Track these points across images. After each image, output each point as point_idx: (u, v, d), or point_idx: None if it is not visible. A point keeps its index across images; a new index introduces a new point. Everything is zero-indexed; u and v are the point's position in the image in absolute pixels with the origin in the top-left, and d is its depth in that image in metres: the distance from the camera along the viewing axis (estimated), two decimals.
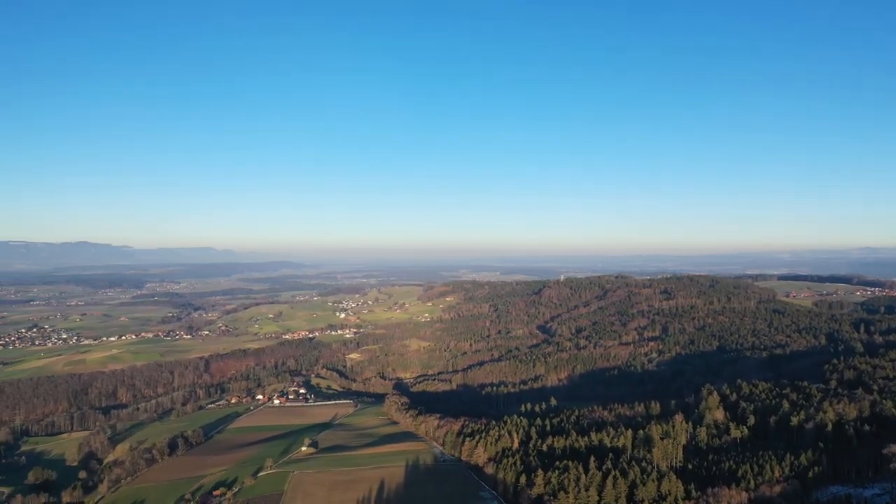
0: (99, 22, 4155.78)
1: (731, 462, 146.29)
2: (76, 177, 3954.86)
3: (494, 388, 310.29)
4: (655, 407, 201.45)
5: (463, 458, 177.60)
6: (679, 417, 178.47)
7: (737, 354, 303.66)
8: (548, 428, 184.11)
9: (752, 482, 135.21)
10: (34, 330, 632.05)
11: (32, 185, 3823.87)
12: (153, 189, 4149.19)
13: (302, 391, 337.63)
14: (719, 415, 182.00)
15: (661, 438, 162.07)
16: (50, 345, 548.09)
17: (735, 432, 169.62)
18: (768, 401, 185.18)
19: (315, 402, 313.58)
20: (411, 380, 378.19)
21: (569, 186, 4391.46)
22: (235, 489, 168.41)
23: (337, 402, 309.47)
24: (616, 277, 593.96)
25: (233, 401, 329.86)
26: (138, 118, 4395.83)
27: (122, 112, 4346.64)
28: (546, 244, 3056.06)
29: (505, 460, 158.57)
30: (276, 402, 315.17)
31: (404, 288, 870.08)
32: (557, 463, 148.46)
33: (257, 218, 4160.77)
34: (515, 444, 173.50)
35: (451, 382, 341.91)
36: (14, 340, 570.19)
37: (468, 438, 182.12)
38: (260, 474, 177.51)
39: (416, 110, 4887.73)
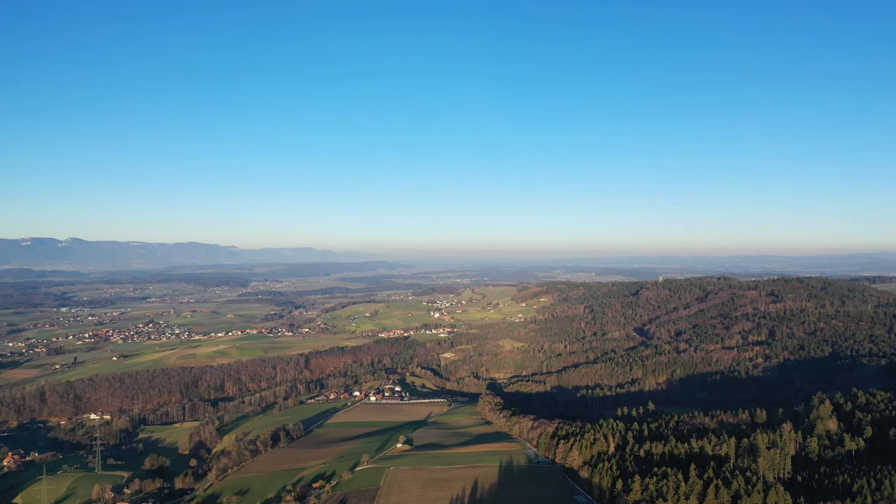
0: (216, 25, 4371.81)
1: (846, 476, 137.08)
2: (188, 182, 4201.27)
3: (589, 390, 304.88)
4: (761, 415, 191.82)
5: (557, 460, 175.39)
6: (787, 426, 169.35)
7: (852, 362, 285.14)
8: (645, 433, 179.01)
9: (868, 498, 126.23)
10: (150, 325, 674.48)
11: (150, 189, 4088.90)
12: (258, 192, 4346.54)
13: (397, 389, 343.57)
14: (832, 425, 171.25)
15: (768, 448, 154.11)
16: (164, 339, 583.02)
17: (850, 444, 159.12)
18: (888, 412, 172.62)
19: (410, 399, 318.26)
20: (505, 380, 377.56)
21: (669, 185, 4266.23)
22: (334, 482, 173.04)
23: (431, 400, 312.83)
24: (718, 279, 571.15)
25: (331, 396, 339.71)
26: (244, 124, 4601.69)
27: (228, 119, 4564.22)
28: (644, 244, 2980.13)
29: (601, 464, 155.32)
30: (373, 398, 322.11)
31: (498, 288, 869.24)
32: (655, 469, 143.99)
33: (355, 219, 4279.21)
34: (611, 449, 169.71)
35: (545, 384, 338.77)
36: (133, 335, 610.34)
37: (563, 441, 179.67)
38: (357, 469, 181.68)
39: (513, 110, 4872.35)
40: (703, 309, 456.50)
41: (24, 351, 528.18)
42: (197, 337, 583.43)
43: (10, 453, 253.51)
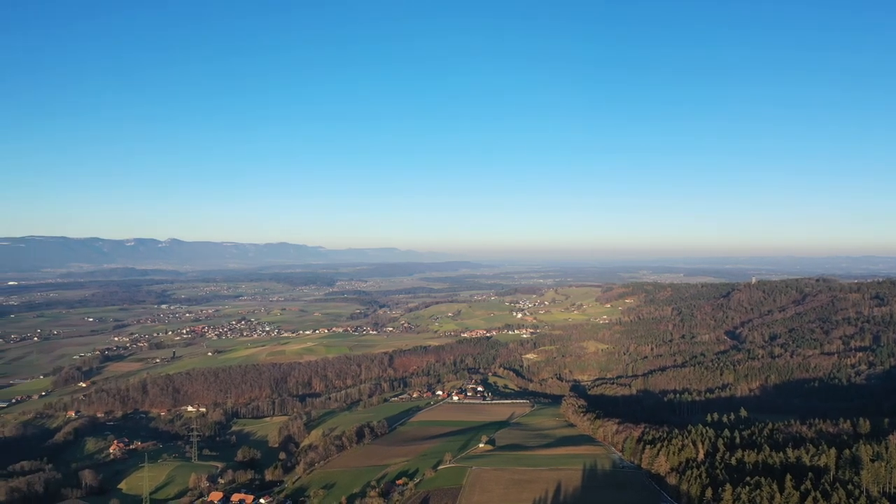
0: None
1: None
2: (278, 184, 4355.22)
3: (677, 395, 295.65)
4: (865, 425, 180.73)
5: (643, 465, 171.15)
6: (894, 438, 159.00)
7: None
8: (737, 440, 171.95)
9: None
10: (242, 322, 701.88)
11: (242, 192, 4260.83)
12: (345, 193, 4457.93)
13: (479, 389, 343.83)
14: None
15: (872, 460, 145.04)
16: (255, 336, 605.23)
17: None
18: None
19: (492, 400, 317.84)
20: (588, 382, 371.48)
21: (764, 183, 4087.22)
22: (417, 480, 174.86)
23: (513, 401, 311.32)
24: (817, 280, 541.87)
25: (414, 395, 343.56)
26: (329, 128, 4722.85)
27: (316, 124, 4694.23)
28: (735, 244, 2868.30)
29: (689, 471, 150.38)
30: (455, 398, 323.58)
31: (581, 289, 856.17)
32: (748, 479, 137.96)
33: (439, 219, 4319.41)
34: (700, 456, 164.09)
35: (630, 387, 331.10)
36: (226, 331, 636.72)
37: (649, 446, 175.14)
38: (440, 467, 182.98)
39: (597, 110, 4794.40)
40: (799, 312, 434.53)
41: (128, 345, 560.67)
42: (286, 334, 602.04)
43: (115, 441, 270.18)
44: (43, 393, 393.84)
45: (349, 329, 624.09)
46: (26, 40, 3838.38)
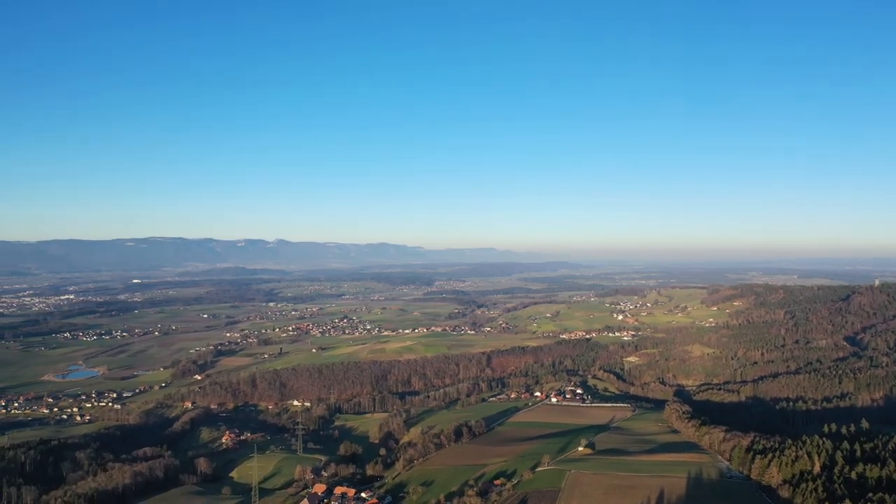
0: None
1: None
2: (378, 186, 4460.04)
3: (790, 403, 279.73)
4: None
5: (752, 476, 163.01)
6: None
7: None
8: (857, 454, 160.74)
9: None
10: (344, 321, 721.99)
11: (345, 194, 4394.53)
12: (443, 194, 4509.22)
13: (579, 391, 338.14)
14: None
15: None
16: (357, 334, 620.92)
17: None
18: None
19: (591, 402, 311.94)
20: (693, 387, 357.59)
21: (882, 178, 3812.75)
22: (514, 481, 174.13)
23: (614, 404, 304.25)
24: None
25: (512, 396, 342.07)
26: (438, 132, 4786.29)
27: (421, 127, 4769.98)
28: (855, 243, 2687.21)
29: (804, 485, 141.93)
30: (554, 400, 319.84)
31: (686, 290, 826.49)
32: (870, 495, 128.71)
33: (536, 220, 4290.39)
34: (817, 468, 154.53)
35: (738, 393, 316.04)
36: (329, 329, 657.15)
37: (759, 456, 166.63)
38: (538, 469, 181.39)
39: (697, 108, 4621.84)
40: None
41: (239, 341, 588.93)
42: (386, 333, 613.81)
43: (227, 432, 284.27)
44: (163, 384, 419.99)
45: (447, 328, 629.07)
46: (141, 44, 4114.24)
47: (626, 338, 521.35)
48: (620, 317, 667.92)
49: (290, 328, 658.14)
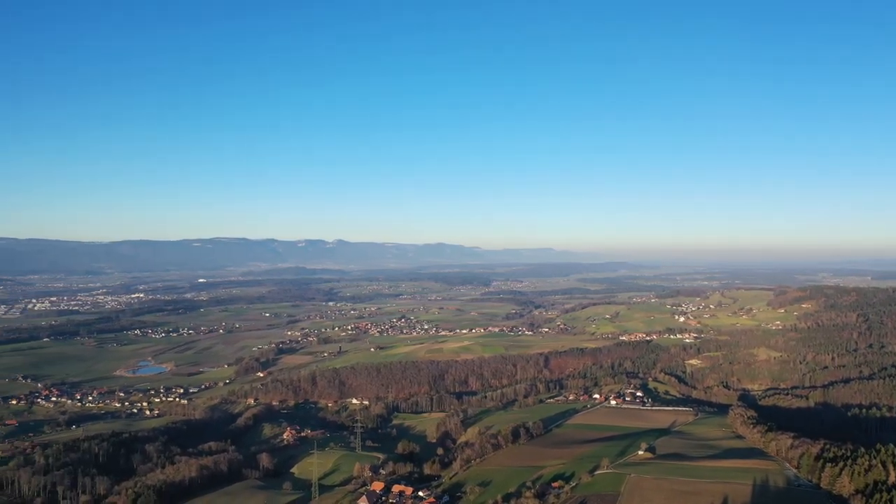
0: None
1: None
2: (436, 187, 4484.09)
3: (863, 410, 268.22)
4: None
5: (822, 485, 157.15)
6: None
7: None
8: None
9: None
10: (402, 320, 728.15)
11: (402, 195, 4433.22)
12: (501, 194, 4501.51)
13: (639, 394, 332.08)
14: None
15: None
16: (414, 334, 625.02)
17: None
18: None
19: (652, 406, 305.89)
20: (759, 392, 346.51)
21: None
22: (573, 483, 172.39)
23: (675, 408, 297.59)
24: None
25: (570, 397, 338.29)
26: (493, 132, 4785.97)
27: (478, 126, 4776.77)
28: None
29: (878, 495, 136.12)
30: (613, 402, 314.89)
31: (751, 292, 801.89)
32: None
33: (595, 220, 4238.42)
34: (892, 478, 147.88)
35: (807, 399, 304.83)
36: (387, 328, 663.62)
37: (829, 464, 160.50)
38: (597, 472, 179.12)
39: (766, 107, 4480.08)
40: None
41: (299, 339, 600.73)
42: (443, 333, 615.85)
43: (288, 428, 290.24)
44: (227, 381, 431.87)
45: (505, 329, 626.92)
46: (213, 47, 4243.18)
47: (687, 340, 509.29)
48: (682, 318, 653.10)
49: (349, 327, 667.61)
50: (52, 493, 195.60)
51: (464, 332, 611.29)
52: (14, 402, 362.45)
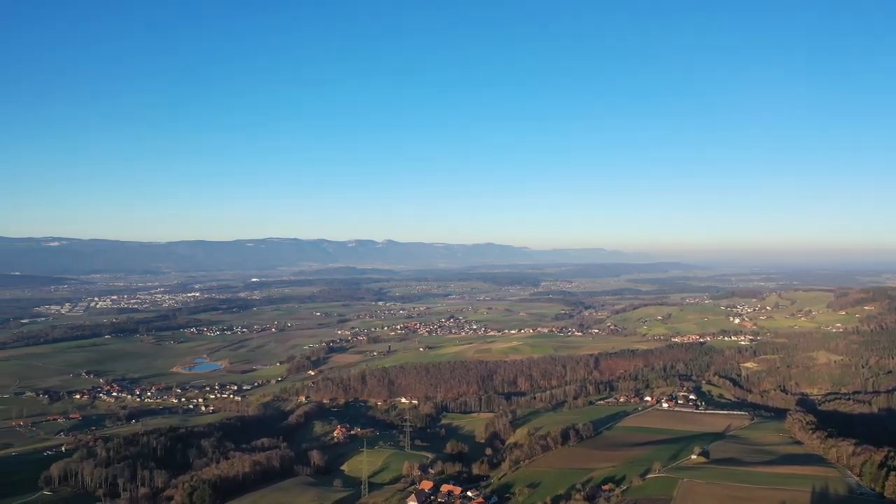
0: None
1: None
2: (485, 187, 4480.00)
3: None
4: None
5: (886, 494, 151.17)
6: None
7: None
8: None
9: None
10: (451, 320, 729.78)
11: (449, 195, 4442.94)
12: (549, 192, 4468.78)
13: (692, 397, 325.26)
14: None
15: None
16: (463, 334, 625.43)
17: None
18: None
19: (705, 409, 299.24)
20: (818, 397, 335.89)
21: None
22: (623, 487, 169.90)
23: (730, 412, 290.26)
24: None
25: (621, 399, 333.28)
26: (546, 131, 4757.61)
27: (532, 125, 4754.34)
28: None
29: None
30: (665, 405, 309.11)
31: (810, 293, 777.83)
32: None
33: (646, 219, 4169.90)
34: None
35: (870, 405, 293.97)
36: (436, 328, 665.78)
37: (894, 472, 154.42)
38: (648, 476, 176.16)
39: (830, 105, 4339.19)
40: None
41: (349, 338, 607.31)
42: (492, 333, 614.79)
43: (339, 426, 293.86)
44: (279, 378, 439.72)
45: (554, 329, 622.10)
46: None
47: (743, 342, 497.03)
48: (737, 320, 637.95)
49: (399, 327, 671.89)
50: (113, 485, 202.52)
51: (513, 332, 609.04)
52: (78, 396, 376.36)
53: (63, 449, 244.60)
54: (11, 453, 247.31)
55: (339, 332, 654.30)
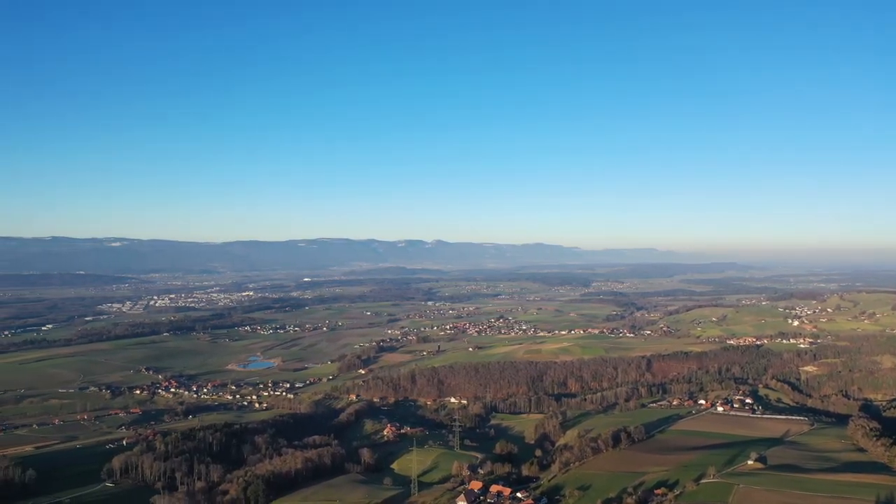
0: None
1: None
2: (534, 187, 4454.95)
3: None
4: None
5: None
6: None
7: None
8: None
9: None
10: (500, 320, 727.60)
11: (500, 195, 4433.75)
12: (599, 191, 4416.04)
13: (748, 401, 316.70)
14: None
15: None
16: (512, 334, 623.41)
17: None
18: None
19: (762, 414, 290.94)
20: (883, 402, 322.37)
21: None
22: (676, 492, 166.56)
23: (788, 417, 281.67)
24: None
25: (674, 402, 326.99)
26: (602, 130, 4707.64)
27: (587, 125, 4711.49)
28: None
29: None
30: (720, 409, 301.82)
31: (874, 295, 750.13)
32: None
33: (701, 219, 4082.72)
34: None
35: None
36: (485, 328, 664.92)
37: None
38: (702, 481, 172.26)
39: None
40: None
41: (399, 338, 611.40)
42: (542, 333, 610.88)
43: (389, 425, 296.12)
44: (330, 377, 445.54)
45: (605, 331, 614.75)
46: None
47: (802, 345, 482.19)
48: (796, 322, 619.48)
49: (448, 327, 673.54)
50: (171, 479, 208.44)
51: (563, 333, 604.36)
52: (138, 392, 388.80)
53: (124, 442, 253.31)
54: (76, 446, 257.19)
55: (389, 331, 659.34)
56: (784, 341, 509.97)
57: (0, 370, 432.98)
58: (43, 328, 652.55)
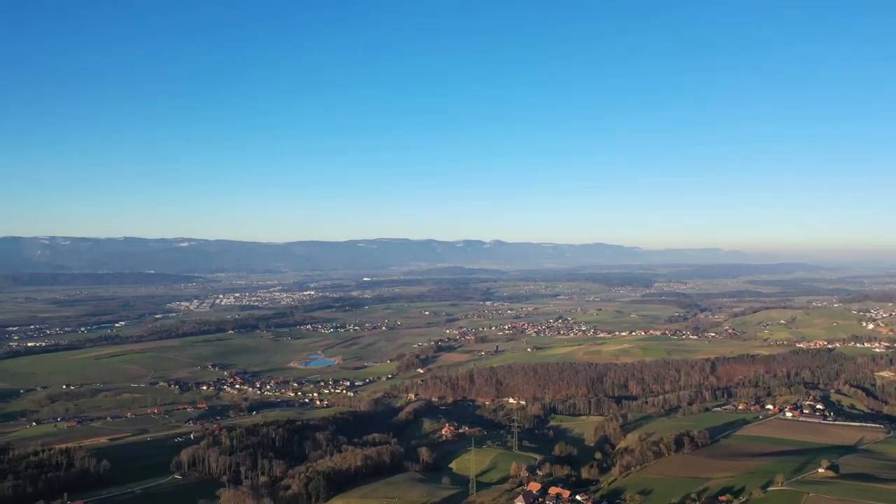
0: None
1: None
2: (592, 186, 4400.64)
3: None
4: None
5: None
6: None
7: None
8: None
9: None
10: (559, 321, 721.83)
11: (559, 194, 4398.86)
12: (662, 191, 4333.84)
13: (819, 406, 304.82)
14: None
15: None
16: (571, 335, 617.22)
17: None
18: None
19: (834, 420, 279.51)
20: None
21: None
22: (742, 499, 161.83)
23: (862, 424, 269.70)
24: None
25: (740, 407, 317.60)
26: (671, 132, 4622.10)
27: (652, 122, 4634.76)
28: None
29: None
30: (789, 414, 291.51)
31: None
32: None
33: (768, 217, 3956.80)
34: None
35: None
36: (544, 329, 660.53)
37: None
38: (770, 489, 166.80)
39: None
40: None
41: (457, 337, 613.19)
42: (602, 334, 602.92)
43: (447, 424, 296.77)
44: (389, 376, 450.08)
45: (667, 332, 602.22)
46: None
47: (877, 349, 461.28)
48: (871, 326, 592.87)
49: (506, 327, 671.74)
50: (235, 472, 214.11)
51: (623, 334, 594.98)
52: (205, 387, 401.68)
53: (192, 436, 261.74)
54: (147, 439, 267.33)
55: (448, 331, 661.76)
56: (858, 345, 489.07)
57: (77, 365, 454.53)
58: (116, 325, 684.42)
